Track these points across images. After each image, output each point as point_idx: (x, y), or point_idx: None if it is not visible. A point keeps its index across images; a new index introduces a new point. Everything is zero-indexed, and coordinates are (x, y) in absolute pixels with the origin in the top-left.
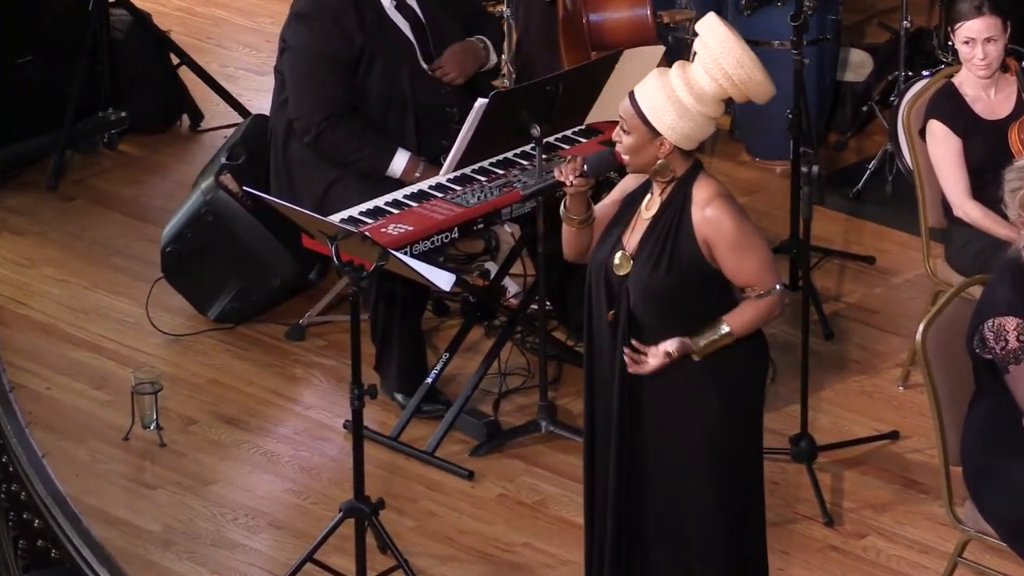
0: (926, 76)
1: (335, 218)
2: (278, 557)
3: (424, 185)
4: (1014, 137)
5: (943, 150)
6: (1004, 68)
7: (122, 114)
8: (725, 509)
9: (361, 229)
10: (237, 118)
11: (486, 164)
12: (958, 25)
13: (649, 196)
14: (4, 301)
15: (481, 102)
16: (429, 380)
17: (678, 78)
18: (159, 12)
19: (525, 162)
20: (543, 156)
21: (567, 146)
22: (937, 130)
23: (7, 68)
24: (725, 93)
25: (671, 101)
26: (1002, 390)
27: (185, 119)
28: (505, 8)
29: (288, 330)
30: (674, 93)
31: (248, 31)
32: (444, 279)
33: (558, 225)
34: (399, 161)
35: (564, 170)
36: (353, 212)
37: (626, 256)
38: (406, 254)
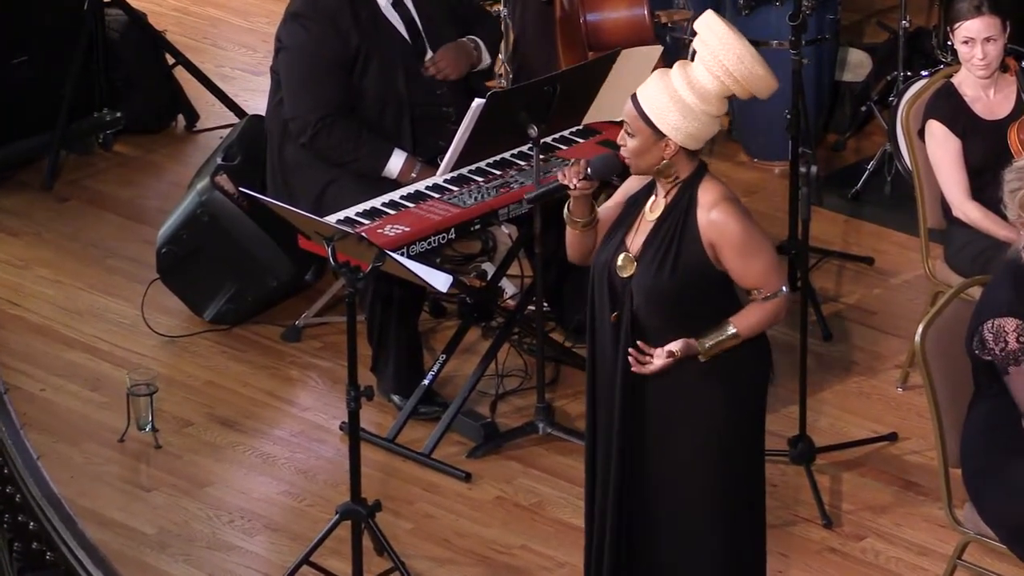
0: (925, 76)
1: (331, 219)
2: (274, 559)
3: (421, 186)
4: (1013, 137)
5: (942, 150)
6: (1003, 68)
7: (117, 114)
8: (726, 510)
9: (357, 230)
10: (233, 118)
11: (483, 165)
12: (957, 25)
13: (653, 198)
14: None
15: (478, 102)
16: (426, 382)
17: (680, 78)
18: (154, 12)
19: (522, 162)
20: (540, 156)
21: (564, 146)
22: (936, 130)
23: (2, 68)
24: (728, 90)
25: (674, 101)
26: (1002, 391)
27: (181, 119)
28: (502, 8)
29: (284, 331)
30: (676, 93)
31: (244, 31)
32: (441, 280)
33: (555, 226)
34: (395, 162)
35: (568, 173)
36: (349, 213)
37: (629, 258)
38: (403, 255)
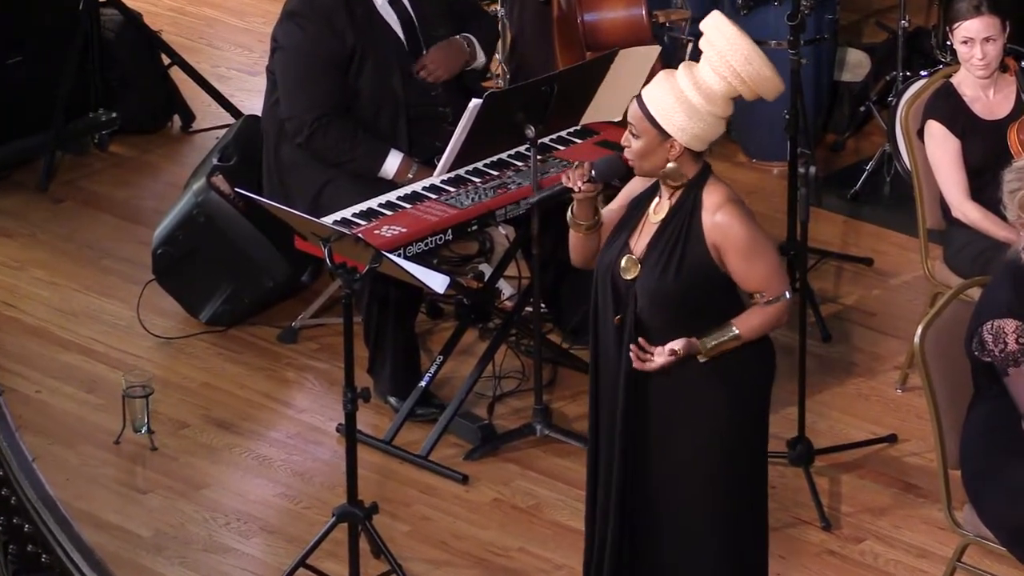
0: (924, 76)
1: (328, 220)
2: (271, 562)
3: (418, 186)
4: (1013, 137)
5: (941, 151)
6: (1003, 68)
7: (113, 115)
8: (728, 511)
9: (354, 231)
10: (229, 119)
11: (480, 165)
12: (956, 25)
13: (657, 200)
14: None
15: (475, 102)
16: (423, 383)
17: (686, 79)
18: (150, 12)
19: (520, 163)
20: (538, 157)
21: (562, 147)
22: (935, 131)
23: None
24: (734, 91)
25: (680, 102)
26: (1001, 393)
27: (176, 120)
28: (500, 8)
29: (281, 333)
30: (683, 94)
31: (240, 31)
32: (438, 281)
33: (553, 227)
34: (392, 162)
35: (571, 176)
36: (346, 214)
37: (633, 260)
38: (400, 256)
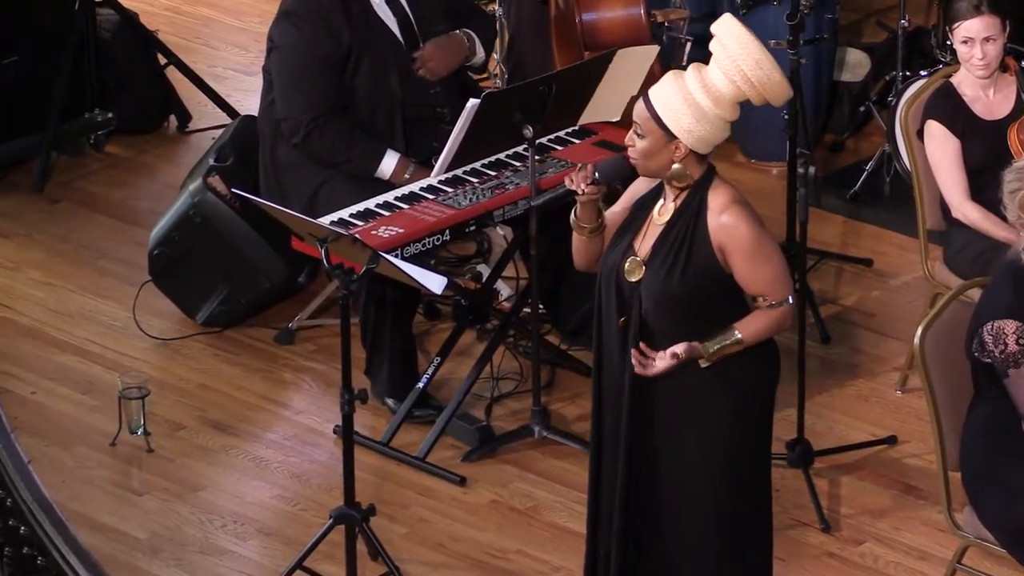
0: (924, 76)
1: (325, 220)
2: (267, 564)
3: (415, 187)
4: (1013, 138)
5: (941, 151)
6: (1003, 68)
7: (109, 115)
8: (730, 513)
9: (351, 231)
10: (225, 119)
11: (478, 165)
12: (956, 24)
13: (662, 201)
14: None
15: (473, 103)
16: (420, 384)
17: (694, 80)
18: (146, 11)
19: (518, 163)
20: (536, 157)
21: (560, 147)
22: (935, 131)
23: None
24: (743, 95)
25: (688, 104)
26: (1001, 394)
27: (173, 120)
28: (497, 7)
29: (277, 334)
30: (691, 95)
31: (236, 31)
32: (435, 282)
33: (551, 228)
34: (388, 162)
35: (575, 178)
36: (343, 214)
37: (637, 262)
38: (397, 257)
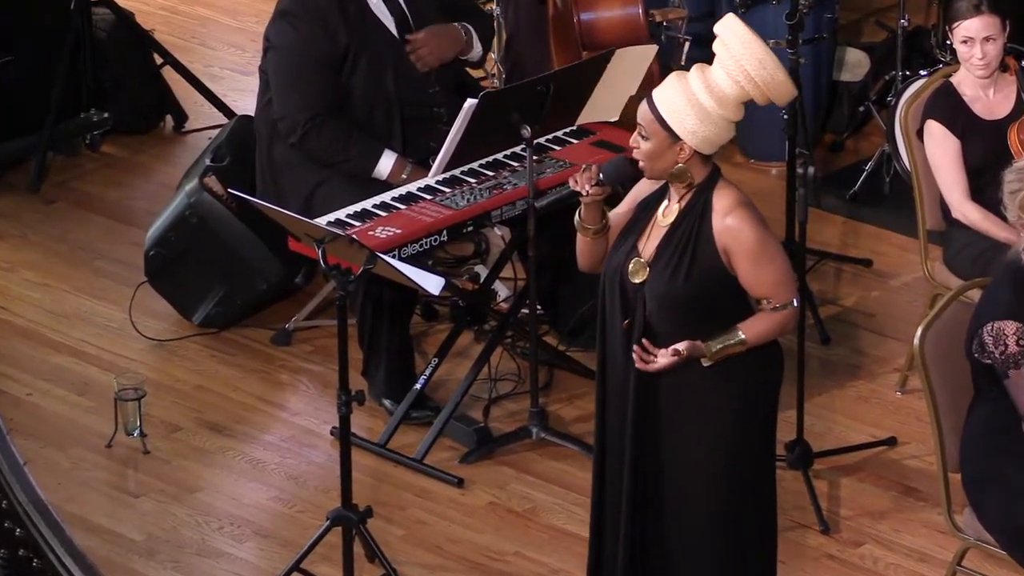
0: (924, 76)
1: (322, 221)
2: (264, 566)
3: (413, 187)
4: (1013, 138)
5: (941, 151)
6: (1003, 67)
7: (105, 115)
8: (729, 511)
9: (348, 232)
10: (222, 119)
11: (475, 166)
12: (956, 24)
13: (666, 203)
14: None
15: (470, 102)
16: (418, 386)
17: (698, 81)
18: (142, 11)
19: (515, 163)
20: (534, 157)
21: (558, 147)
22: (935, 131)
23: None
24: (747, 95)
25: (691, 105)
26: (1001, 395)
27: (169, 120)
28: (495, 7)
29: (274, 335)
30: (694, 96)
31: (233, 30)
32: (433, 283)
33: (549, 228)
34: (386, 162)
35: (579, 179)
36: (340, 215)
37: (641, 263)
38: (394, 257)
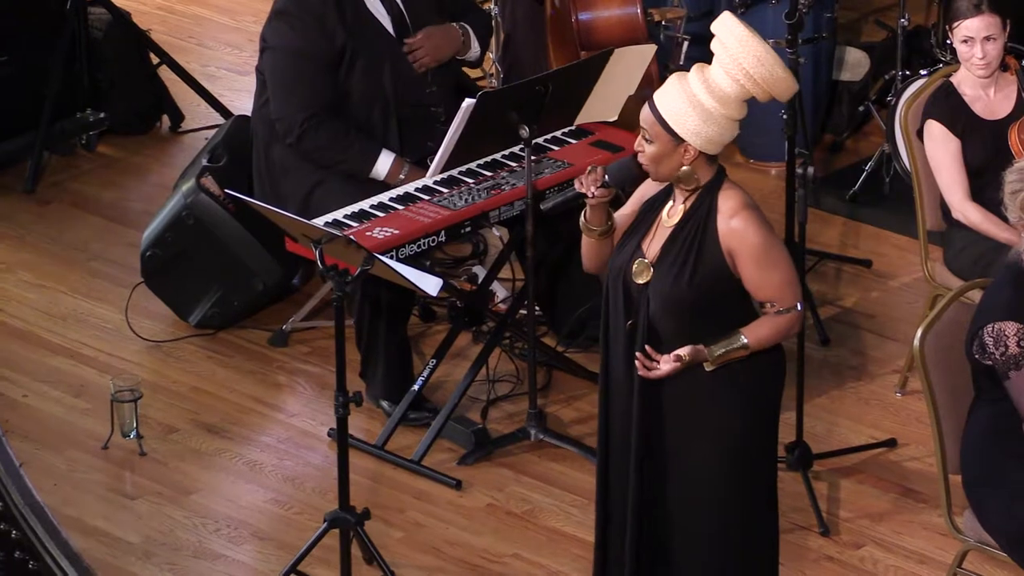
0: (924, 75)
1: (319, 221)
2: (261, 568)
3: (410, 187)
4: (1014, 138)
5: (941, 151)
6: (1004, 67)
7: (101, 115)
8: (736, 519)
9: (346, 232)
10: (219, 119)
11: (473, 166)
12: (956, 23)
13: (671, 203)
14: None
15: (468, 102)
16: (415, 387)
17: (698, 82)
18: (139, 11)
19: (514, 164)
20: (532, 158)
21: (556, 147)
22: (935, 131)
23: None
24: (748, 93)
25: (693, 106)
26: (1002, 396)
27: (165, 120)
28: (493, 6)
29: (271, 336)
30: (695, 97)
31: (230, 30)
32: (431, 284)
33: (547, 228)
34: (383, 163)
35: (585, 181)
36: (337, 215)
37: (645, 264)
38: (392, 258)
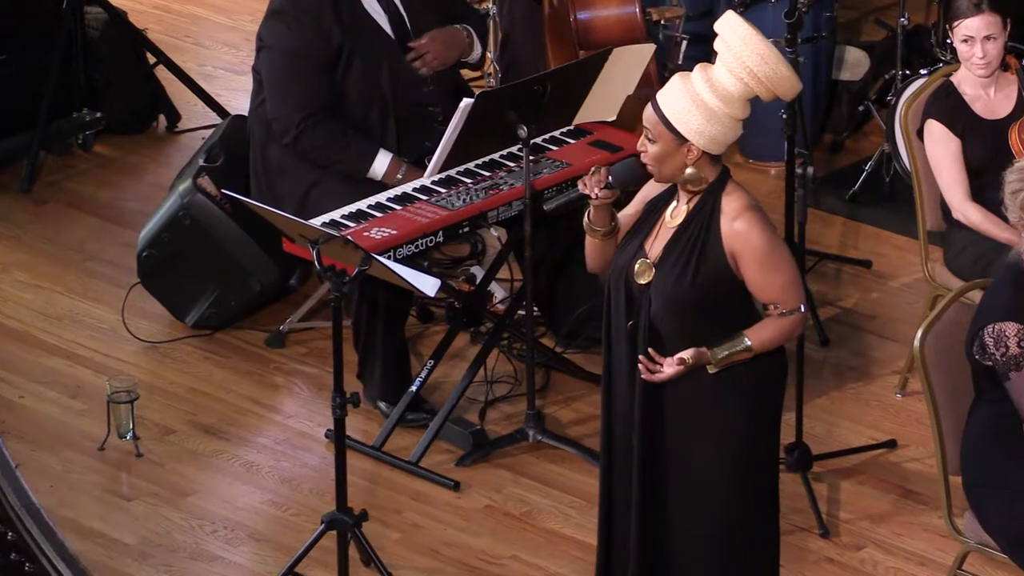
0: (924, 75)
1: (316, 221)
2: (258, 570)
3: (408, 187)
4: (1014, 137)
5: (941, 151)
6: (1004, 67)
7: (97, 115)
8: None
9: (343, 233)
10: (215, 119)
11: (471, 166)
12: (956, 23)
13: (674, 203)
14: None
15: (466, 102)
16: (413, 388)
17: (701, 81)
18: (135, 10)
19: (512, 164)
20: (531, 157)
21: (555, 147)
22: (935, 130)
23: None
24: (751, 92)
25: (696, 105)
26: (1002, 397)
27: (162, 120)
28: (491, 5)
29: (268, 337)
30: (698, 96)
31: (227, 29)
32: (429, 284)
33: (546, 229)
34: (381, 162)
35: (589, 182)
36: (335, 215)
37: (647, 264)
38: (390, 258)
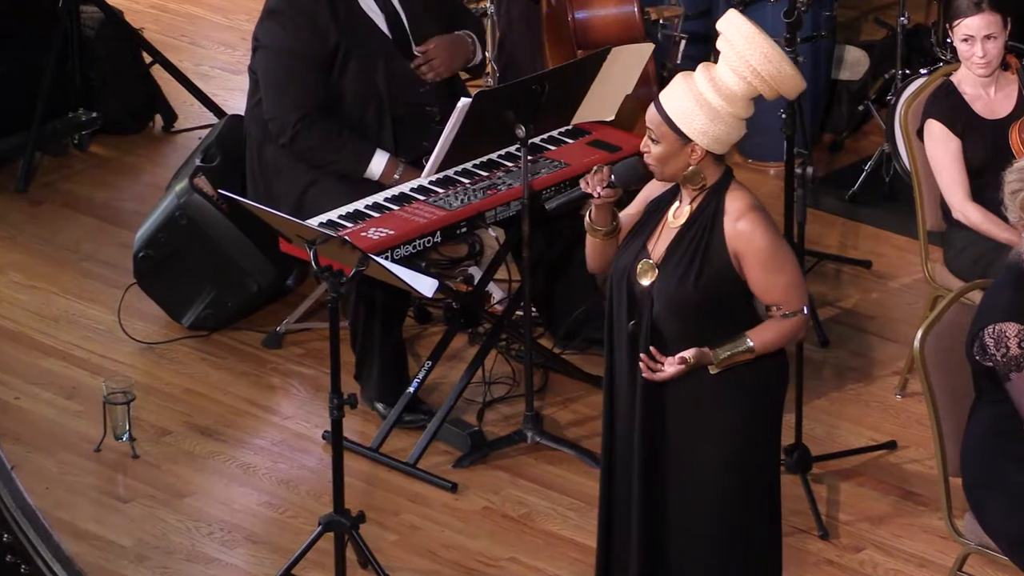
0: (924, 74)
1: (313, 222)
2: (255, 572)
3: (406, 188)
4: (1014, 137)
5: (941, 151)
6: (1004, 66)
7: (93, 114)
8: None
9: (340, 233)
10: (212, 118)
11: (469, 166)
12: (957, 22)
13: (677, 204)
14: None
15: (464, 102)
16: (411, 389)
17: (704, 80)
18: (131, 9)
19: (510, 164)
20: (529, 157)
21: (553, 147)
22: (935, 130)
23: None
24: (755, 91)
25: (699, 105)
26: (1003, 398)
27: (158, 119)
28: (489, 5)
29: (265, 338)
30: (701, 96)
31: (223, 28)
32: (426, 285)
33: (544, 229)
34: (378, 163)
35: (591, 181)
36: (332, 216)
37: (650, 264)
38: (387, 259)
